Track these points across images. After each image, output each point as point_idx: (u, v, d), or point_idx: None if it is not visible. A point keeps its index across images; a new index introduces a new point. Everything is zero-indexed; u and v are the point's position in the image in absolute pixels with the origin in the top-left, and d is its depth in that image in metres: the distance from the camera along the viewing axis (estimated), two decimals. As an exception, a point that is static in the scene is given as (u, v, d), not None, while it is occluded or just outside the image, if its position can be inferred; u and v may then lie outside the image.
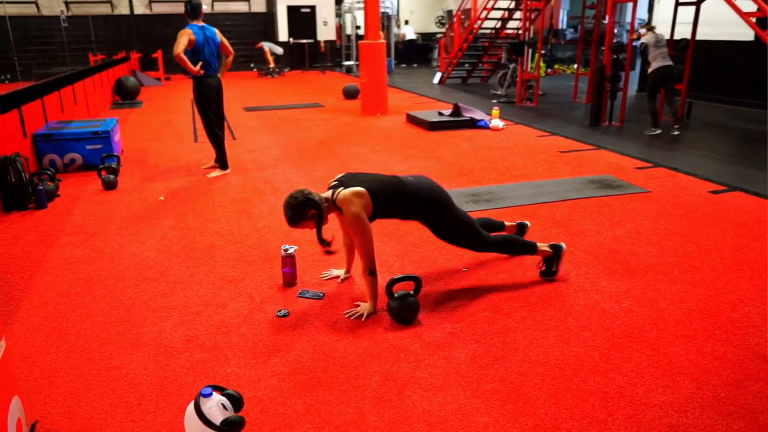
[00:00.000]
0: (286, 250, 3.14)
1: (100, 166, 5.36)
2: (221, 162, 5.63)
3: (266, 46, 16.21)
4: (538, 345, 2.56)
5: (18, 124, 5.19)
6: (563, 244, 3.23)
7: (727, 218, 4.19)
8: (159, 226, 4.17)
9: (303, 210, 2.74)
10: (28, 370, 2.43)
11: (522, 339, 2.61)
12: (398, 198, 2.93)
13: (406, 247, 3.66)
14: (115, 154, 5.82)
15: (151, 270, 3.41)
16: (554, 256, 3.19)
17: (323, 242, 2.82)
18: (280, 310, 2.89)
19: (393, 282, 2.78)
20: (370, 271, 2.81)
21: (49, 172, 5.05)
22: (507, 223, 3.57)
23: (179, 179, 5.46)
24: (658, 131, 7.43)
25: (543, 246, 3.21)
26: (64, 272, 3.40)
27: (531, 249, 3.22)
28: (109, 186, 5.12)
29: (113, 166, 5.43)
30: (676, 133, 7.38)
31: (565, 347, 2.54)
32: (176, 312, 2.90)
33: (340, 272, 3.28)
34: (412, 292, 2.80)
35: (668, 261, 3.45)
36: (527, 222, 3.65)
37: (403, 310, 2.77)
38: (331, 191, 2.84)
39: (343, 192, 2.77)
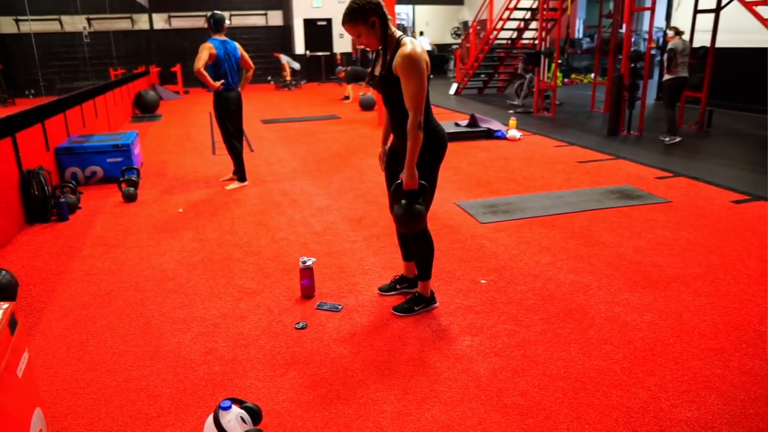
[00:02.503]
0: (304, 262, 3.15)
1: (121, 179, 5.43)
2: (239, 174, 5.68)
3: (284, 59, 16.39)
4: (559, 358, 2.52)
5: (41, 138, 5.28)
6: (437, 303, 3.03)
7: (750, 228, 4.11)
8: (178, 238, 4.21)
9: (367, 11, 2.53)
10: (49, 381, 2.45)
11: (542, 352, 2.57)
12: (428, 118, 2.68)
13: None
14: (135, 166, 5.89)
15: (170, 282, 3.44)
16: (427, 300, 2.98)
17: (384, 56, 2.58)
18: (298, 323, 2.89)
19: (400, 186, 2.66)
20: (419, 124, 2.53)
21: (70, 184, 5.12)
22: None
23: (198, 191, 5.51)
24: (678, 139, 7.37)
25: (430, 285, 2.98)
26: (84, 284, 3.43)
27: (428, 274, 2.95)
28: (129, 198, 5.18)
29: (133, 178, 5.50)
30: (667, 140, 7.40)
31: (586, 361, 2.50)
32: (195, 324, 2.92)
33: (381, 149, 3.05)
34: (419, 199, 2.67)
35: (691, 272, 3.39)
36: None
37: (409, 216, 2.65)
38: (399, 32, 2.63)
39: (414, 41, 2.55)
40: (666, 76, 7.47)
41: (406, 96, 2.54)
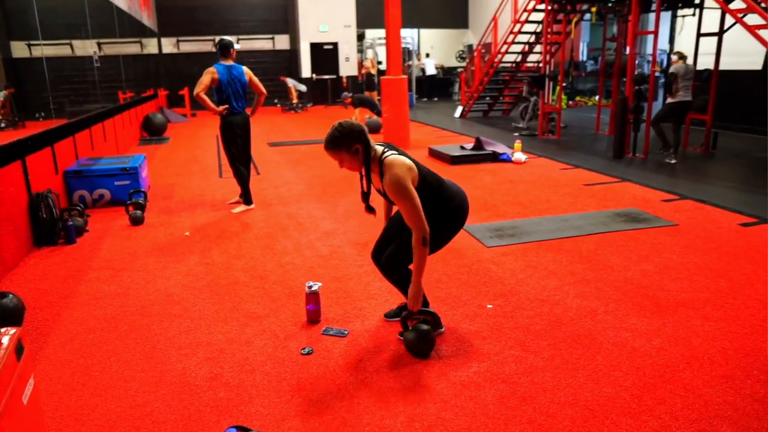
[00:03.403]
0: (310, 287, 3.14)
1: (128, 202, 5.47)
2: (246, 197, 5.70)
3: (290, 82, 16.57)
4: (567, 385, 2.49)
5: (51, 161, 5.34)
6: (443, 328, 2.97)
7: (759, 251, 4.08)
8: (184, 261, 4.21)
9: (351, 139, 2.55)
10: (54, 407, 2.44)
11: (550, 379, 2.54)
12: (437, 197, 2.72)
13: (430, 282, 3.63)
14: (143, 189, 5.93)
15: (176, 306, 3.43)
16: (431, 323, 2.86)
17: (368, 181, 2.64)
18: (304, 348, 2.87)
19: (408, 316, 2.78)
20: (423, 240, 2.55)
21: (78, 207, 5.16)
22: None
23: (204, 214, 5.54)
24: (671, 149, 7.54)
25: (430, 310, 2.89)
26: (91, 308, 3.44)
27: (423, 303, 2.84)
28: (136, 221, 5.21)
29: (140, 201, 5.54)
30: (673, 161, 7.46)
31: (595, 387, 2.47)
32: (201, 349, 2.91)
33: None
34: (427, 326, 2.79)
35: (700, 297, 3.36)
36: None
37: (421, 342, 2.75)
38: (381, 148, 2.65)
39: (395, 157, 2.57)
40: (669, 99, 7.52)
41: (405, 217, 2.57)
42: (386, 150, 2.63)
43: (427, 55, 20.56)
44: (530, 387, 2.49)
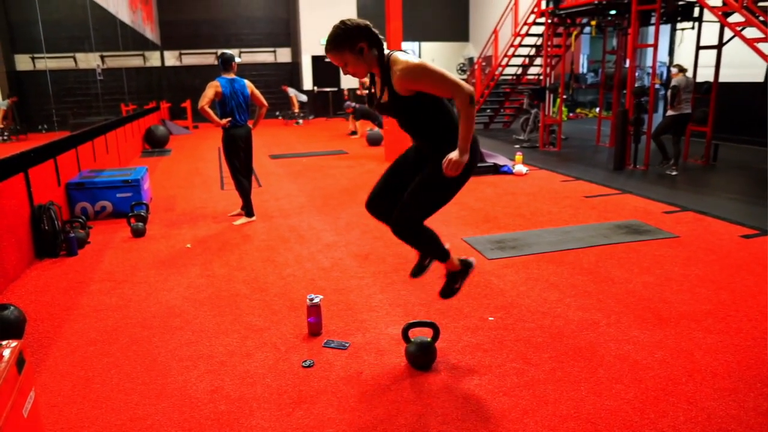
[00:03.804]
0: (311, 299, 3.14)
1: (130, 214, 5.48)
2: (247, 210, 5.71)
3: (291, 92, 16.67)
4: (569, 398, 2.48)
5: (53, 173, 5.36)
6: (473, 260, 2.89)
7: (761, 263, 4.08)
8: (186, 273, 4.21)
9: (354, 37, 2.32)
10: (54, 420, 2.43)
11: (552, 392, 2.53)
12: (448, 113, 2.50)
13: (431, 295, 3.63)
14: (144, 202, 5.95)
15: (177, 318, 3.43)
16: (461, 272, 2.84)
17: (383, 81, 2.41)
18: (305, 361, 2.87)
19: (409, 326, 2.78)
20: (470, 99, 2.31)
21: (80, 219, 5.17)
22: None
23: (206, 227, 5.54)
24: (671, 162, 7.59)
25: (454, 258, 2.81)
26: (91, 320, 3.43)
27: (444, 254, 2.76)
28: (138, 233, 5.21)
29: (142, 213, 5.55)
30: (674, 173, 7.50)
31: (596, 400, 2.46)
32: (202, 361, 2.90)
33: None
34: (429, 339, 2.79)
35: (702, 309, 3.36)
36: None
37: (422, 355, 2.75)
38: (385, 50, 2.43)
39: (400, 53, 2.36)
40: (670, 112, 7.56)
41: (440, 90, 2.35)
42: (391, 53, 2.41)
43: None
44: (532, 400, 2.48)
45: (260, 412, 2.45)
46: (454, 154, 2.40)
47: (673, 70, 7.63)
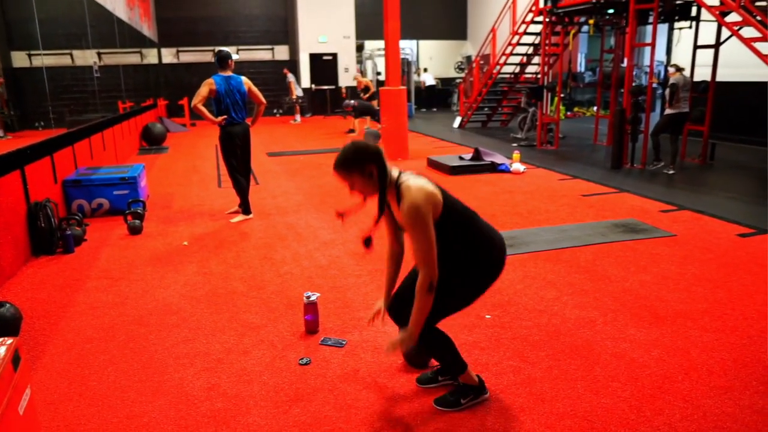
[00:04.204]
0: (308, 297, 3.14)
1: (127, 211, 5.46)
2: (244, 207, 5.70)
3: (291, 77, 16.66)
4: (566, 396, 2.49)
5: (50, 170, 5.34)
6: (488, 393, 2.51)
7: (757, 262, 4.09)
8: (182, 271, 4.21)
9: (365, 159, 2.22)
10: (50, 417, 2.42)
11: (549, 390, 2.54)
12: (469, 228, 2.32)
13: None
14: (141, 199, 5.94)
15: (173, 316, 3.42)
16: (475, 389, 2.47)
17: (381, 209, 2.29)
18: (302, 358, 2.87)
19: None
20: (430, 286, 2.16)
21: (77, 217, 5.16)
22: None
23: (203, 224, 5.53)
24: (662, 164, 7.67)
25: (472, 373, 2.49)
26: (88, 317, 3.43)
27: (461, 366, 2.45)
28: (135, 231, 5.20)
29: (139, 211, 5.53)
30: (671, 172, 7.51)
31: (593, 398, 2.46)
32: (198, 359, 2.90)
33: (380, 303, 2.59)
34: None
35: (698, 307, 3.36)
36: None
37: (419, 353, 2.72)
38: (397, 172, 2.29)
39: (413, 181, 2.20)
40: (668, 111, 7.56)
41: (414, 250, 2.18)
42: (403, 174, 2.28)
43: (425, 70, 20.67)
44: (528, 398, 2.48)
45: (257, 410, 2.45)
46: (399, 335, 2.28)
47: (671, 70, 7.65)
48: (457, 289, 2.34)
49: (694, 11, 8.43)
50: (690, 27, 8.73)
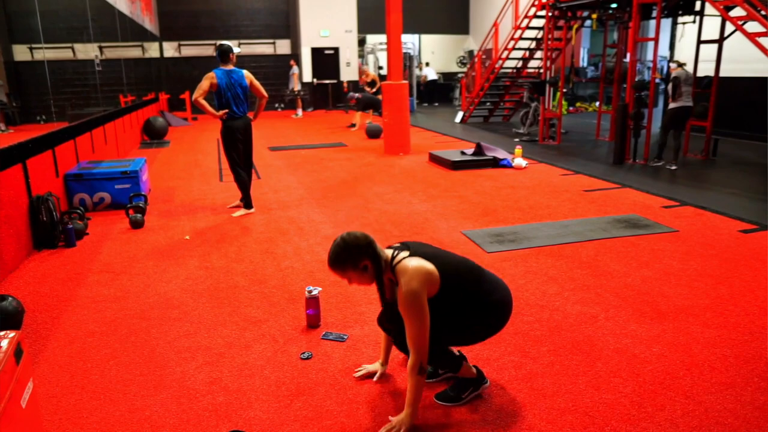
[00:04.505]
0: (310, 291, 3.14)
1: (128, 205, 5.46)
2: (246, 202, 5.70)
3: (295, 69, 16.64)
4: (567, 391, 2.49)
5: (51, 164, 5.34)
6: (488, 381, 2.55)
7: (759, 258, 4.08)
8: (184, 265, 4.21)
9: (358, 256, 2.19)
10: (52, 410, 2.43)
11: (550, 385, 2.54)
12: (472, 296, 2.31)
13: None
14: (143, 193, 5.94)
15: (175, 310, 3.43)
16: (474, 381, 2.48)
17: (385, 303, 2.33)
18: (303, 353, 2.87)
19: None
20: (420, 369, 2.16)
21: (78, 210, 5.16)
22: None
23: (205, 218, 5.54)
24: (662, 162, 7.66)
25: (469, 365, 2.48)
26: (90, 311, 3.43)
27: (457, 365, 2.44)
28: (136, 225, 5.21)
29: (140, 205, 5.54)
30: (673, 167, 7.51)
31: (594, 394, 2.46)
32: (200, 353, 2.90)
33: (375, 366, 2.66)
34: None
35: (700, 303, 3.36)
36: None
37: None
38: (391, 252, 2.29)
39: (408, 261, 2.19)
40: (671, 105, 7.54)
41: (407, 332, 2.16)
42: (397, 253, 2.25)
43: (427, 64, 20.62)
44: (530, 393, 2.48)
45: (258, 404, 2.45)
46: (398, 418, 2.26)
47: (672, 65, 7.63)
48: (456, 332, 2.36)
49: (697, 6, 8.39)
50: (694, 22, 8.69)
